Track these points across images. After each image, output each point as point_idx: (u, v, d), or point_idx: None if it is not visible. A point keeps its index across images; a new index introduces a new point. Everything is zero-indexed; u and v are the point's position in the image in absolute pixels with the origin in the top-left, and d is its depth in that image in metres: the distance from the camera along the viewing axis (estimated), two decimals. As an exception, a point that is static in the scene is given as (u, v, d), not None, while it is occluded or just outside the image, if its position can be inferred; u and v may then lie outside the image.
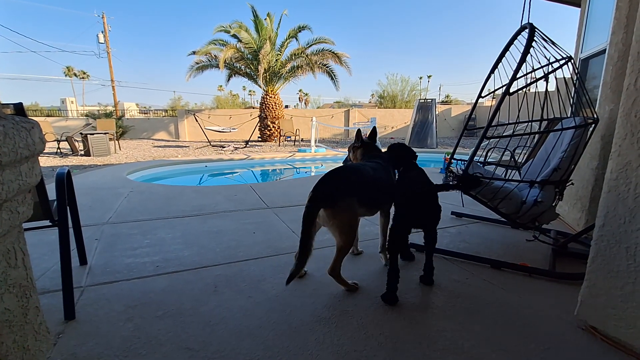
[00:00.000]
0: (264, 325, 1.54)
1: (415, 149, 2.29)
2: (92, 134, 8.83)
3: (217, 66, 12.96)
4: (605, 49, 2.70)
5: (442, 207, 1.85)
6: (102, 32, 23.20)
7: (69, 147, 9.52)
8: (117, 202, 3.79)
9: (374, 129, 2.29)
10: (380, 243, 2.17)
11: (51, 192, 1.55)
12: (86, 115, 16.61)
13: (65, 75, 47.25)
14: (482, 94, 2.73)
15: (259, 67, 12.48)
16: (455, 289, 1.88)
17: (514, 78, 1.96)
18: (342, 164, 2.16)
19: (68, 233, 1.63)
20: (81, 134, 9.06)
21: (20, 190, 1.02)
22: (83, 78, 48.32)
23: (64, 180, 1.72)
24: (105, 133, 9.15)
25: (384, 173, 2.01)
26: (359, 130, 2.27)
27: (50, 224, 1.68)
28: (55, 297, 1.71)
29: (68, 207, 1.84)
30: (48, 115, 20.04)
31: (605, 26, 2.76)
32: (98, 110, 21.31)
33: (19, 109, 1.48)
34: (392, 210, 1.95)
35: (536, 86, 2.16)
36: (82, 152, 9.06)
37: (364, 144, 2.25)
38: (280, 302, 1.73)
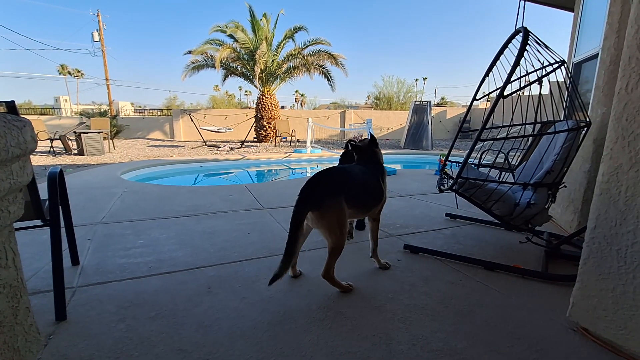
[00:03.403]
0: (257, 326, 1.53)
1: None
2: (86, 133, 8.74)
3: (213, 66, 12.92)
4: (597, 53, 2.74)
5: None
6: (97, 30, 23.01)
7: (62, 146, 9.41)
8: (110, 201, 3.75)
9: (371, 136, 2.31)
10: (371, 248, 2.17)
11: (43, 191, 1.53)
12: (80, 114, 16.46)
13: (59, 74, 46.82)
14: (477, 97, 2.75)
15: (255, 67, 12.46)
16: (448, 290, 1.88)
17: (508, 81, 1.98)
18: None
19: (60, 233, 1.61)
20: (75, 132, 8.96)
21: (11, 190, 1.01)
22: (77, 76, 47.93)
23: (56, 180, 1.70)
24: (99, 132, 9.07)
25: (371, 175, 2.03)
26: (349, 141, 2.30)
27: (41, 223, 1.66)
28: (47, 298, 1.68)
29: (60, 207, 1.82)
30: (41, 114, 19.83)
31: (598, 31, 2.80)
32: (92, 109, 21.10)
33: (10, 107, 1.46)
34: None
35: (530, 89, 2.19)
36: (76, 151, 8.96)
37: (357, 148, 2.21)
38: (275, 303, 1.72)
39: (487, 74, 2.48)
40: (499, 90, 2.01)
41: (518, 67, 1.97)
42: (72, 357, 1.32)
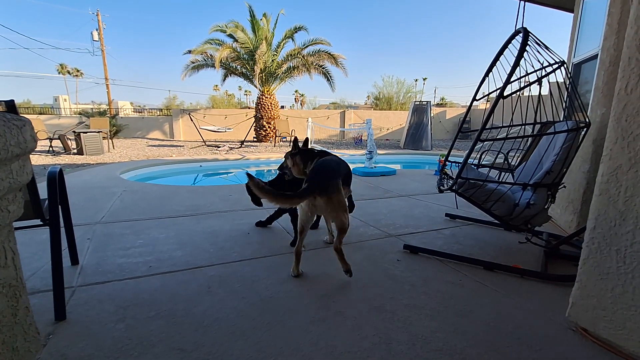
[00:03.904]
0: (257, 326, 1.53)
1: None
2: (85, 133, 8.73)
3: (213, 66, 12.90)
4: (597, 54, 2.74)
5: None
6: (97, 29, 22.95)
7: (61, 145, 9.40)
8: (110, 201, 3.75)
9: (306, 139, 2.57)
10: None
11: (42, 190, 1.53)
12: (79, 114, 16.45)
13: (59, 73, 46.79)
14: (477, 97, 2.75)
15: (255, 67, 12.45)
16: (448, 290, 1.89)
17: (508, 81, 1.98)
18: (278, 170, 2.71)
19: (59, 232, 1.60)
20: (74, 132, 8.94)
21: (10, 189, 1.01)
22: (77, 76, 47.89)
23: (56, 179, 1.70)
24: (98, 131, 9.05)
25: (343, 162, 2.30)
26: (295, 138, 2.50)
27: (41, 223, 1.66)
28: (46, 297, 1.68)
29: (60, 206, 1.82)
30: (40, 113, 19.79)
31: (597, 31, 2.80)
32: (92, 109, 21.08)
33: (10, 106, 1.45)
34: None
35: (529, 90, 2.19)
36: (75, 151, 8.95)
37: (301, 150, 2.42)
38: (274, 303, 1.72)
39: (487, 74, 2.48)
40: (499, 91, 2.01)
41: (518, 67, 1.97)
42: (72, 357, 1.32)
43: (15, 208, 1.08)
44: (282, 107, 20.10)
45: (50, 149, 9.13)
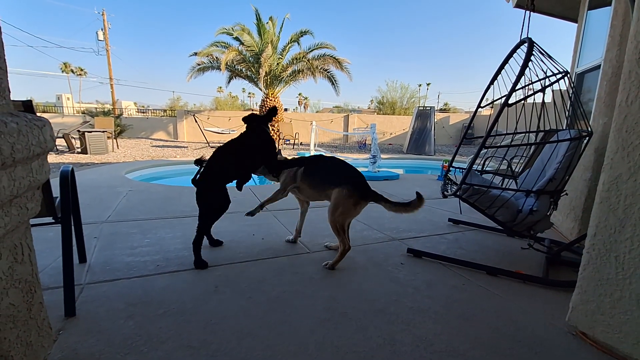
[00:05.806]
0: (264, 325, 1.56)
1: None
2: (90, 132, 8.80)
3: (219, 68, 12.98)
4: (600, 65, 2.78)
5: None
6: (102, 29, 23.11)
7: (65, 144, 9.48)
8: (115, 200, 3.79)
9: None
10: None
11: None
12: (83, 113, 16.55)
13: (62, 72, 47.04)
14: (482, 104, 2.79)
15: (260, 70, 12.52)
16: (451, 294, 1.91)
17: (513, 90, 2.02)
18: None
19: (71, 230, 1.64)
20: (79, 131, 9.02)
21: (30, 187, 1.04)
22: (80, 75, 48.15)
23: (69, 178, 1.74)
24: (103, 131, 9.13)
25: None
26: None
27: (52, 220, 1.69)
28: (54, 294, 1.71)
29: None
30: (43, 112, 19.94)
31: (600, 43, 2.84)
32: (95, 108, 21.22)
33: (27, 106, 1.49)
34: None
35: (533, 98, 2.23)
36: (79, 150, 9.02)
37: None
38: (280, 304, 1.75)
39: (492, 82, 2.52)
40: (504, 99, 2.05)
41: (522, 76, 2.01)
42: (83, 352, 1.35)
43: (34, 206, 1.12)
44: (286, 109, 20.18)
45: (54, 147, 9.20)
